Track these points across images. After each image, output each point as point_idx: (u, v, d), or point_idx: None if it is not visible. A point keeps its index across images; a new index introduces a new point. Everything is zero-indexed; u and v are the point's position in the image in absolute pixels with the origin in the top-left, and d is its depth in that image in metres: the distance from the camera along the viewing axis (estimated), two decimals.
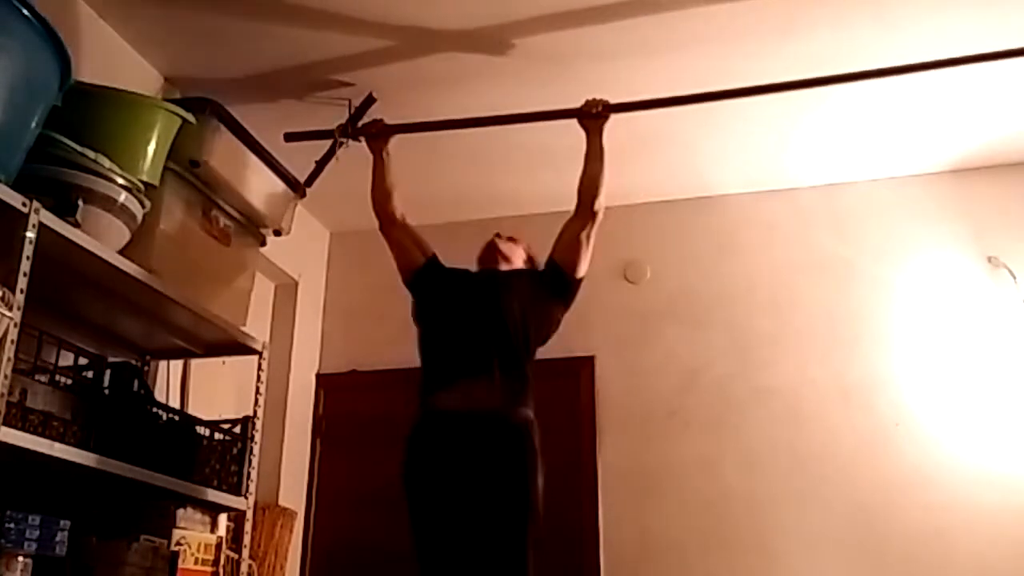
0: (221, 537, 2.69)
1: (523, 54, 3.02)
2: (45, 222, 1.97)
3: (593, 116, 2.77)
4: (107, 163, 2.18)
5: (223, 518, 2.78)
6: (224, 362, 3.11)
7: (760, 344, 3.73)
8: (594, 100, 2.78)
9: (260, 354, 2.87)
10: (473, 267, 2.82)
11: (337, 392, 4.16)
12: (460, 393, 2.49)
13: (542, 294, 2.67)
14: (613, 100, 2.78)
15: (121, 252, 2.28)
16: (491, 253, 2.80)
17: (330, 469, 4.05)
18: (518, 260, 2.82)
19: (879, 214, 3.78)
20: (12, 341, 1.84)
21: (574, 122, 2.82)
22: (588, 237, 2.68)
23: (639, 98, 2.83)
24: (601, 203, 2.69)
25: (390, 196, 2.84)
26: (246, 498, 2.72)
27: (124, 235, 2.30)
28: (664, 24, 2.85)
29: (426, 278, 2.73)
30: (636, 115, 2.86)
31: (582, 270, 2.70)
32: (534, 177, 3.78)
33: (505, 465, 2.38)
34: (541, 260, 2.80)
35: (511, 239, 2.87)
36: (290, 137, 3.12)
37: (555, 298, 2.69)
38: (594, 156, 2.73)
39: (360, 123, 3.08)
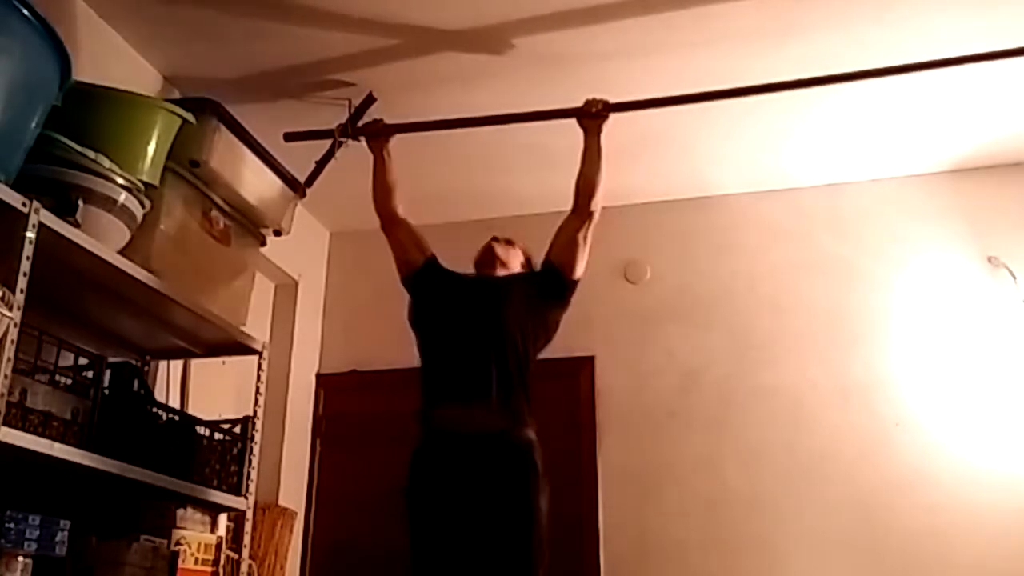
0: (221, 537, 2.69)
1: (523, 54, 3.02)
2: (45, 222, 1.97)
3: (593, 115, 2.76)
4: (107, 163, 2.18)
5: (223, 518, 2.78)
6: (224, 362, 3.11)
7: (760, 344, 3.73)
8: (594, 99, 2.78)
9: (260, 354, 2.87)
10: (469, 269, 2.80)
11: (337, 392, 4.16)
12: (460, 412, 2.48)
13: (539, 299, 2.65)
14: (613, 100, 2.77)
15: (121, 252, 2.28)
16: (489, 257, 2.77)
17: (330, 469, 4.05)
18: (515, 264, 2.79)
19: (879, 214, 3.78)
20: (12, 341, 1.84)
21: (574, 122, 2.82)
22: (585, 237, 2.66)
23: (639, 98, 2.83)
24: (598, 203, 2.68)
25: (391, 195, 2.84)
26: (246, 498, 2.72)
27: (124, 235, 2.30)
28: (664, 25, 2.85)
29: (423, 279, 2.72)
30: (636, 115, 2.86)
31: (579, 271, 2.68)
32: (534, 177, 3.78)
33: (508, 487, 2.37)
34: (538, 261, 2.78)
35: (508, 242, 2.84)
36: (290, 137, 3.12)
37: (553, 301, 2.67)
38: (592, 156, 2.72)
39: (360, 123, 3.08)
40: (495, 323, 2.54)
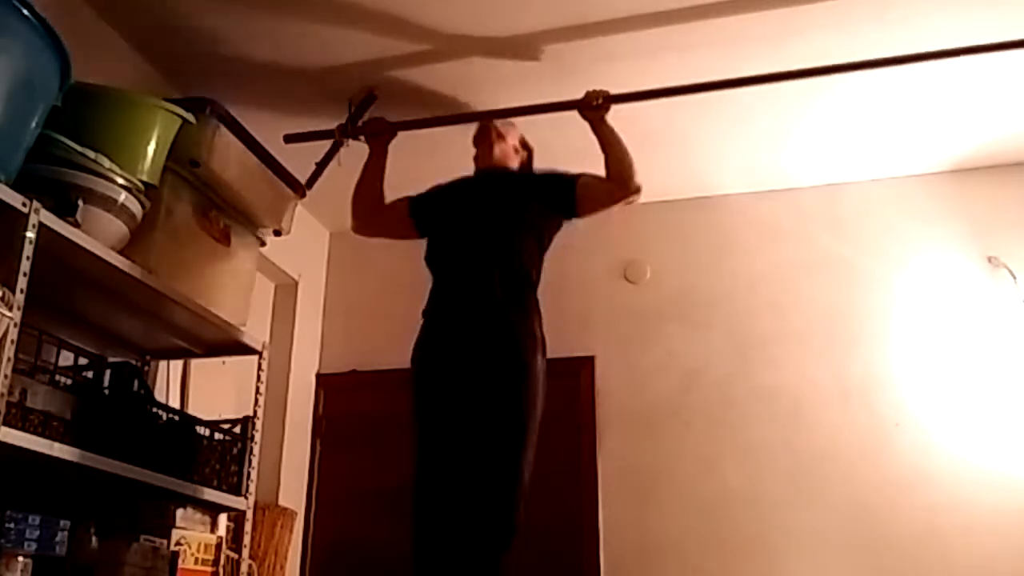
0: (221, 537, 2.68)
1: (525, 54, 3.02)
2: (45, 222, 1.97)
3: (594, 108, 2.78)
4: (107, 163, 2.18)
5: (223, 518, 2.77)
6: (224, 362, 3.11)
7: (760, 344, 3.73)
8: (595, 92, 2.79)
9: (260, 354, 2.87)
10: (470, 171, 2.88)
11: (337, 392, 4.17)
12: (465, 295, 2.61)
13: (546, 205, 2.73)
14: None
15: (121, 252, 2.28)
16: (486, 149, 2.85)
17: (330, 469, 4.05)
18: (513, 140, 2.88)
19: (879, 214, 3.78)
20: (12, 341, 1.83)
21: (576, 121, 2.82)
22: (612, 202, 2.73)
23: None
24: (636, 180, 2.71)
25: (379, 193, 2.87)
26: (246, 498, 2.71)
27: (124, 235, 2.30)
28: (668, 26, 2.85)
29: (424, 216, 2.82)
30: (635, 115, 2.86)
31: (587, 215, 2.76)
32: None
33: (504, 347, 2.49)
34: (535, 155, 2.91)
35: (500, 135, 2.88)
36: (290, 138, 3.13)
37: (556, 211, 2.75)
38: (609, 142, 2.75)
39: (360, 122, 3.08)
40: (501, 226, 2.66)
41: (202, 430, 2.65)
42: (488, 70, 3.10)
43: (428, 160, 3.46)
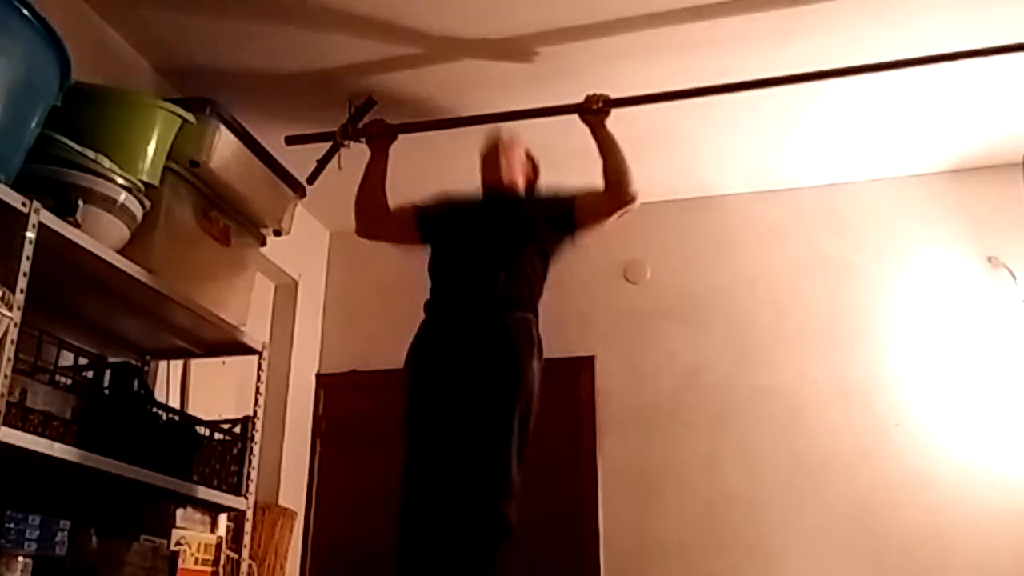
0: (221, 537, 2.69)
1: (524, 57, 3.02)
2: (45, 222, 1.97)
3: (594, 112, 2.78)
4: (107, 163, 2.18)
5: (223, 518, 2.78)
6: (224, 362, 3.11)
7: (760, 344, 3.73)
8: (595, 96, 2.79)
9: (260, 354, 2.87)
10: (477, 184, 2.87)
11: (337, 392, 4.17)
12: (466, 297, 2.62)
13: (550, 226, 2.74)
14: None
15: (121, 252, 2.28)
16: (494, 168, 2.81)
17: (330, 469, 4.05)
18: (518, 162, 2.85)
19: (879, 214, 3.78)
20: (12, 341, 1.84)
21: (575, 122, 2.82)
22: (608, 216, 2.73)
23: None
24: (633, 187, 2.71)
25: (382, 197, 2.87)
26: (246, 498, 2.72)
27: (124, 235, 2.30)
28: (666, 26, 2.85)
29: (431, 228, 2.81)
30: (636, 115, 2.86)
31: (586, 232, 2.76)
32: None
33: (500, 351, 2.50)
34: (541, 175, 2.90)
35: (507, 155, 2.86)
36: (291, 140, 3.12)
37: (559, 231, 2.76)
38: (608, 147, 2.75)
39: (361, 124, 3.08)
40: (507, 244, 2.66)
41: (202, 430, 2.65)
42: (488, 72, 3.10)
43: (429, 162, 3.47)
